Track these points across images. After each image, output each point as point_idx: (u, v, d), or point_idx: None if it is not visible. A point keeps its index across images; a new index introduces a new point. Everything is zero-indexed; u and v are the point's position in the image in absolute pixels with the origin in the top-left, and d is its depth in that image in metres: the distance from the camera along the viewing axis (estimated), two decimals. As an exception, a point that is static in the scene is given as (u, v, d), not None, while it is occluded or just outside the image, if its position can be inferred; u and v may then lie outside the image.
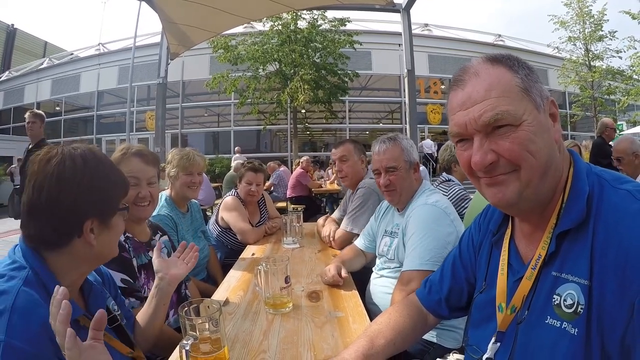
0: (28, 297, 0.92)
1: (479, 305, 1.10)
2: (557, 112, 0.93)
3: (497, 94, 0.86)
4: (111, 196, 1.15)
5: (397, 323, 1.29)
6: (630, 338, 0.71)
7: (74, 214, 1.05)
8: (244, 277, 2.22)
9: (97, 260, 1.19)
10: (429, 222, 1.87)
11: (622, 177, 0.89)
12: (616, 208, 0.81)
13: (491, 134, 0.87)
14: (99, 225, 1.10)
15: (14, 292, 0.91)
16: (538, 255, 0.90)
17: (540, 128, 0.86)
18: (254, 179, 3.34)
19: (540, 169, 0.86)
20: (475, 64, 0.93)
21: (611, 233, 0.78)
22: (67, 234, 1.05)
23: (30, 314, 0.89)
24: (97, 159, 1.13)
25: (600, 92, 19.79)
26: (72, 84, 25.13)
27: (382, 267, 2.16)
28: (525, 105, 0.86)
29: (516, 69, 0.89)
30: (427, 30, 24.08)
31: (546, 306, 0.86)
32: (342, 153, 3.05)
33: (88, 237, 1.07)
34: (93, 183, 1.08)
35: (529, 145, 0.85)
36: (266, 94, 17.63)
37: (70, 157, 1.07)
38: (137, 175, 1.88)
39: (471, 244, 1.26)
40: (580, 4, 19.00)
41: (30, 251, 1.03)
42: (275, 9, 5.27)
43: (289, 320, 1.61)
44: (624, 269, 0.73)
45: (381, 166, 2.11)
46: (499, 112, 0.85)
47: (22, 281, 0.95)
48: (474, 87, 0.89)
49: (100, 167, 1.12)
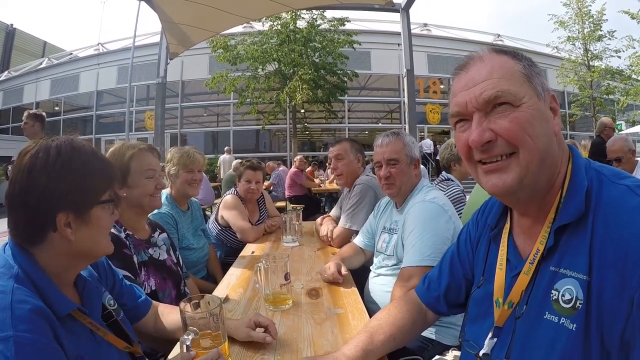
0: (22, 292, 0.92)
1: (476, 301, 1.10)
2: (557, 107, 0.94)
3: (499, 75, 0.89)
4: (87, 187, 1.08)
5: (396, 319, 1.30)
6: (629, 333, 0.72)
7: (44, 206, 1.01)
8: (243, 274, 2.23)
9: (84, 257, 1.14)
10: (427, 218, 1.88)
11: (621, 173, 0.89)
12: (615, 203, 0.81)
13: (490, 113, 0.89)
14: (75, 219, 1.05)
15: (9, 290, 0.91)
16: (536, 249, 0.90)
17: (540, 114, 0.88)
18: (253, 176, 3.36)
19: (539, 154, 0.87)
20: (480, 52, 0.96)
21: (610, 228, 0.78)
22: (40, 227, 1.02)
23: (26, 306, 0.89)
24: (74, 149, 1.07)
25: (599, 91, 19.76)
26: (71, 84, 25.14)
27: (380, 265, 2.17)
28: (526, 89, 0.88)
29: (519, 58, 0.92)
30: (427, 30, 24.14)
31: (544, 301, 0.86)
32: (337, 151, 3.06)
33: (64, 231, 1.03)
34: (63, 174, 1.03)
35: (527, 127, 0.86)
36: (265, 94, 17.63)
37: (45, 148, 1.04)
38: (154, 167, 1.94)
39: (468, 240, 1.26)
40: (580, 3, 18.97)
41: (17, 248, 1.02)
42: (274, 9, 5.26)
43: (289, 317, 1.61)
44: (623, 264, 0.73)
45: (383, 158, 2.13)
46: (499, 89, 0.87)
47: (14, 279, 0.94)
48: (477, 70, 0.92)
49: (74, 157, 1.06)
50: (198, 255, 2.78)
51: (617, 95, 19.68)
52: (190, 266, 2.64)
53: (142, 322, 1.48)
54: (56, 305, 0.99)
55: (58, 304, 1.00)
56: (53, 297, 1.00)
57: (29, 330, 0.86)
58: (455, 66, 1.01)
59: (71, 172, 1.04)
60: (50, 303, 0.97)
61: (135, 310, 1.44)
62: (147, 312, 1.49)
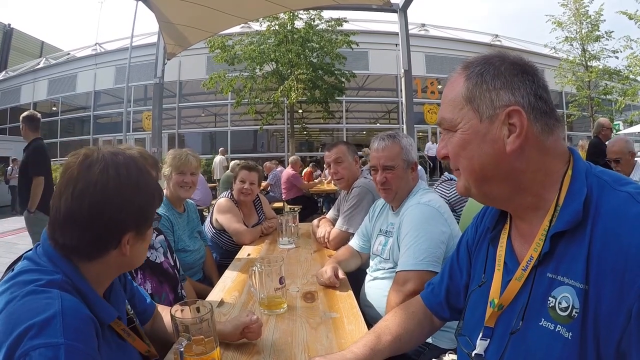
0: (69, 299, 0.90)
1: (474, 299, 1.10)
2: (521, 122, 0.87)
3: (446, 101, 0.98)
4: (150, 208, 1.11)
5: (402, 320, 1.32)
6: (626, 344, 0.71)
7: (116, 227, 1.01)
8: (239, 277, 2.22)
9: (126, 268, 1.18)
10: (422, 221, 1.86)
11: (622, 179, 0.87)
12: (616, 211, 0.79)
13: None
14: (135, 236, 1.06)
15: (56, 295, 0.89)
16: (530, 256, 0.90)
17: (475, 136, 0.91)
18: (248, 176, 3.33)
19: (475, 173, 0.94)
20: (455, 71, 1.00)
21: (610, 236, 0.77)
22: (105, 246, 1.02)
23: (77, 315, 0.88)
24: (139, 169, 1.08)
25: (597, 92, 19.81)
26: (69, 84, 25.07)
27: (376, 269, 2.15)
28: (464, 114, 0.93)
29: (471, 77, 0.93)
30: (425, 30, 24.13)
31: (541, 308, 0.85)
32: (336, 155, 3.04)
33: (125, 248, 1.04)
34: (135, 196, 1.04)
35: (459, 151, 0.95)
36: (262, 94, 17.62)
37: (114, 165, 1.02)
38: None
39: (467, 246, 1.26)
40: (577, 4, 19.04)
41: (60, 257, 0.99)
42: (272, 9, 5.26)
43: (284, 321, 1.61)
44: (622, 274, 0.72)
45: (379, 163, 2.11)
46: (441, 117, 0.99)
47: (58, 287, 0.92)
48: (444, 90, 1.01)
49: (141, 178, 1.07)
50: (194, 258, 2.77)
51: (614, 96, 19.77)
52: (187, 268, 2.63)
53: None
54: (101, 313, 0.99)
55: (103, 312, 1.01)
56: (98, 306, 1.00)
57: (80, 340, 0.84)
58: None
59: (140, 192, 1.06)
60: (96, 312, 0.97)
61: (144, 314, 1.43)
62: (152, 314, 1.48)
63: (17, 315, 0.84)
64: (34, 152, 4.66)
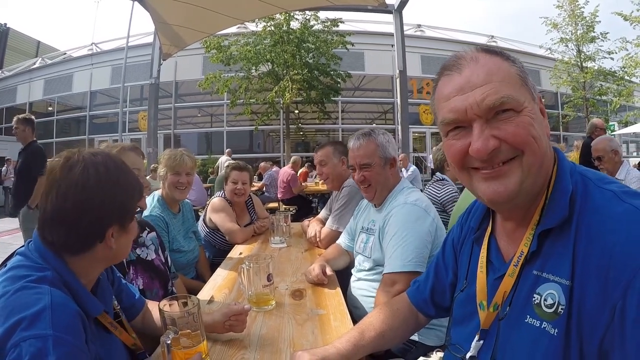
0: (59, 294, 0.95)
1: (460, 304, 1.11)
2: (544, 109, 0.92)
3: (499, 78, 0.85)
4: (131, 201, 1.17)
5: (387, 317, 1.33)
6: (608, 342, 0.71)
7: (99, 222, 1.07)
8: (229, 275, 2.25)
9: (112, 261, 1.22)
10: (409, 221, 1.88)
11: (606, 177, 0.88)
12: (600, 209, 0.80)
13: (492, 119, 0.85)
14: (119, 229, 1.12)
15: (46, 291, 0.94)
16: (520, 252, 0.90)
17: (538, 117, 0.87)
18: (239, 177, 3.35)
19: (541, 157, 0.85)
20: (471, 52, 0.92)
21: (595, 235, 0.77)
22: (90, 239, 1.08)
23: (65, 309, 0.93)
24: (117, 166, 1.14)
25: (592, 92, 19.89)
26: (65, 84, 24.96)
27: (360, 269, 2.17)
28: (524, 93, 0.86)
29: (512, 59, 0.90)
30: (420, 31, 24.13)
31: (526, 305, 0.85)
32: (320, 157, 3.10)
33: (109, 241, 1.10)
34: (115, 190, 1.10)
35: (532, 130, 0.83)
36: (258, 95, 17.61)
37: (93, 165, 1.08)
38: (139, 167, 1.98)
39: (452, 244, 1.27)
40: (572, 5, 19.12)
41: (50, 253, 1.04)
42: (267, 10, 5.29)
43: (272, 318, 1.63)
44: (607, 272, 0.72)
45: (355, 162, 2.13)
46: (504, 95, 0.83)
47: (48, 282, 0.97)
48: (473, 71, 0.87)
49: (120, 174, 1.14)
50: (188, 258, 2.79)
51: (609, 96, 19.84)
52: (180, 269, 2.65)
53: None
54: (88, 307, 1.05)
55: (90, 305, 1.06)
56: (85, 300, 1.05)
57: (68, 332, 0.89)
58: (441, 65, 0.97)
59: (120, 188, 1.12)
60: (84, 306, 1.02)
61: (131, 309, 1.47)
62: (141, 310, 1.52)
63: (9, 309, 0.89)
64: (35, 154, 4.82)
